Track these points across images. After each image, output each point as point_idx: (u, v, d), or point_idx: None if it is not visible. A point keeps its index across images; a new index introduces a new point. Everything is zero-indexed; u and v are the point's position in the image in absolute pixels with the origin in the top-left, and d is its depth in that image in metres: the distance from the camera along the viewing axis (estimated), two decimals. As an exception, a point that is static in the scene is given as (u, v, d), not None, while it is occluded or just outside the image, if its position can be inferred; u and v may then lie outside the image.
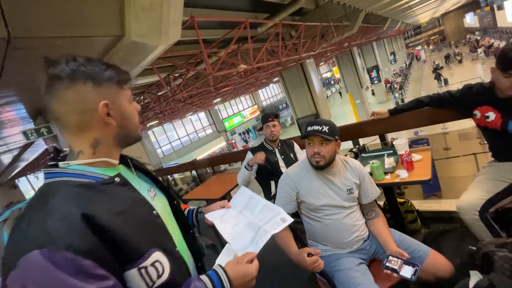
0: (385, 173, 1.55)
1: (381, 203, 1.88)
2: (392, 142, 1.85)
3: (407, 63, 33.33)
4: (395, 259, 1.11)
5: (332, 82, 37.87)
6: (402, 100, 18.96)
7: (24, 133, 3.66)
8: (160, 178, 0.85)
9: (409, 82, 25.39)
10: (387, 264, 1.11)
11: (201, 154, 20.44)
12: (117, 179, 0.63)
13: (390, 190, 1.65)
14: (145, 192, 0.71)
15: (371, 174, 1.53)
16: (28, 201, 0.61)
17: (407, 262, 1.08)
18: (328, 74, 39.96)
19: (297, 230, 1.48)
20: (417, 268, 1.04)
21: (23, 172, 13.68)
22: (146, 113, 7.19)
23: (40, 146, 5.89)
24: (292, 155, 2.24)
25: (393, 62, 29.86)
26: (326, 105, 12.46)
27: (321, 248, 1.35)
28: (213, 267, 0.66)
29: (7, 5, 1.64)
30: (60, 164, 0.61)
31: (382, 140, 2.02)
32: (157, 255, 0.62)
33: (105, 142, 0.64)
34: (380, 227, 1.29)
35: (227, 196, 2.68)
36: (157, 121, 11.27)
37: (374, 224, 1.31)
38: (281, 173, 2.12)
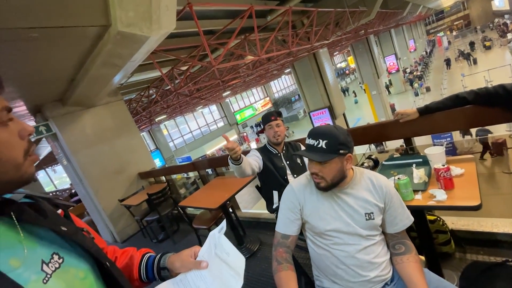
0: (414, 191, 1.22)
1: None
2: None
3: (428, 51, 31.55)
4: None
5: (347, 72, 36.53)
6: (428, 89, 17.94)
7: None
8: (81, 230, 0.56)
9: (430, 71, 24.03)
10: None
11: (213, 147, 20.38)
12: None
13: (420, 214, 1.32)
14: (31, 270, 0.42)
15: (395, 191, 1.21)
16: None
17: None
18: (343, 64, 38.56)
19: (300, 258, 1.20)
20: None
21: (40, 166, 14.19)
22: (151, 108, 7.02)
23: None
24: (298, 160, 1.93)
25: (412, 51, 28.24)
26: (341, 96, 11.91)
27: (327, 287, 1.06)
28: None
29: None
30: None
31: (408, 145, 1.67)
32: None
33: None
34: (412, 268, 0.96)
35: (227, 204, 2.43)
36: (165, 116, 11.15)
37: (404, 263, 0.99)
38: (287, 181, 1.83)
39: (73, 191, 9.88)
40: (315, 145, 0.97)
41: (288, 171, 1.87)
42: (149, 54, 2.94)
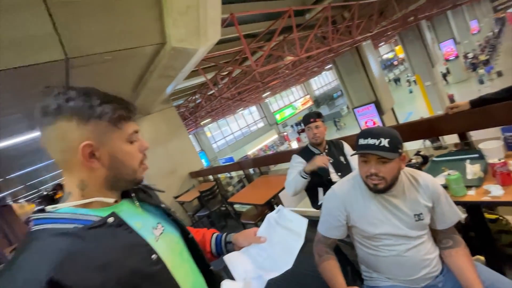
0: (468, 187, 1.17)
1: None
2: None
3: (495, 31, 27.40)
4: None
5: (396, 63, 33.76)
6: (500, 74, 15.41)
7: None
8: (171, 209, 0.76)
9: (499, 54, 20.83)
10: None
11: (254, 147, 20.82)
12: (110, 220, 0.56)
13: (476, 209, 1.25)
14: (148, 231, 0.62)
15: (445, 187, 1.18)
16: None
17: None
18: (390, 55, 35.74)
19: (348, 254, 1.25)
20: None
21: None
22: (198, 112, 7.56)
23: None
24: (342, 158, 1.95)
25: (475, 32, 24.70)
26: (388, 90, 11.11)
27: (375, 276, 1.10)
28: None
29: (62, 29, 1.80)
30: (48, 208, 0.55)
31: (462, 140, 1.57)
32: None
33: (93, 184, 0.58)
34: (461, 261, 0.96)
35: (272, 201, 2.55)
36: (209, 119, 11.83)
37: (452, 256, 0.99)
38: (330, 180, 1.87)
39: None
40: (376, 144, 0.94)
41: (331, 169, 1.90)
42: (196, 63, 3.23)
